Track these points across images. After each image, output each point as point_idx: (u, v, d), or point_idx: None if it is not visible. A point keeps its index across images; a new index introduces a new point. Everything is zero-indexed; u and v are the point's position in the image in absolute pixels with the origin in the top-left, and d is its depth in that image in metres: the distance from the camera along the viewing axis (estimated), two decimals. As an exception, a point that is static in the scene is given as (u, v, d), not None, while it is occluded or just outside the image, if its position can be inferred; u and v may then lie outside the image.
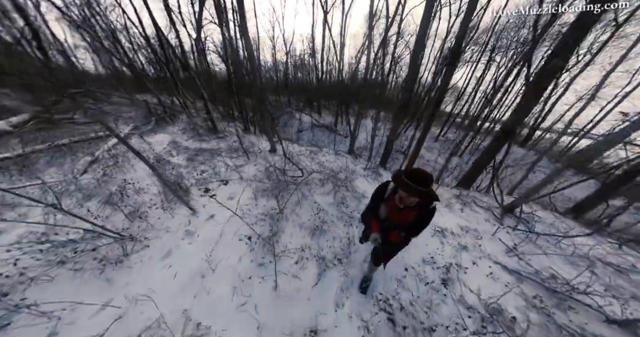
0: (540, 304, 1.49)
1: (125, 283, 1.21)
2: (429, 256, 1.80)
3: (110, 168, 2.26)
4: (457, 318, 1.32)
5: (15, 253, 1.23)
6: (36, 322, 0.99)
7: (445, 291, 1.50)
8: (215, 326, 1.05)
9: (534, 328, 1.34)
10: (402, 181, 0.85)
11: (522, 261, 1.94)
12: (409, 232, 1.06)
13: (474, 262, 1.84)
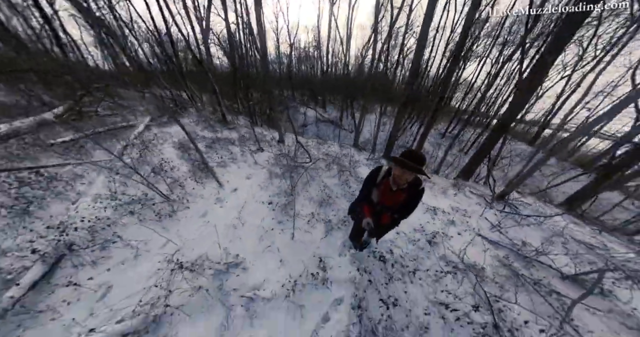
0: (509, 263, 1.86)
1: (177, 230, 1.63)
2: (420, 226, 2.18)
3: (143, 151, 2.70)
4: (436, 267, 1.70)
5: (99, 205, 1.67)
6: (125, 249, 1.42)
7: (430, 249, 1.88)
8: (248, 259, 1.46)
9: (500, 278, 1.71)
10: (401, 160, 0.93)
11: (502, 235, 2.30)
12: (400, 213, 1.15)
13: (459, 233, 2.21)
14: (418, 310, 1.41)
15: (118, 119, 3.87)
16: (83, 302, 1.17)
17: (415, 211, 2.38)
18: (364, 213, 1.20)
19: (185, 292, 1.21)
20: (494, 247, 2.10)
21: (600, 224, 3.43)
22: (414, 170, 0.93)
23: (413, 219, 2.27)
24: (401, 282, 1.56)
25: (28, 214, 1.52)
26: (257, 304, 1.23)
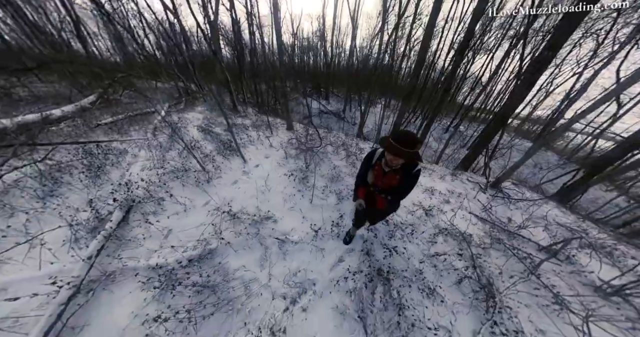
0: (493, 233, 2.24)
1: (215, 193, 2.02)
2: (419, 201, 2.56)
3: (173, 132, 3.07)
4: (430, 231, 2.09)
5: (148, 173, 2.05)
6: (176, 204, 1.81)
7: (426, 218, 2.26)
8: (277, 214, 1.85)
9: (483, 243, 2.09)
10: (389, 143, 0.91)
11: (492, 215, 2.68)
12: (394, 195, 1.16)
13: (452, 210, 2.59)
14: (414, 260, 1.80)
15: (139, 106, 4.23)
16: (154, 238, 1.57)
17: (414, 190, 2.74)
18: (357, 194, 1.27)
19: (230, 234, 1.61)
20: (482, 223, 2.48)
21: (586, 214, 3.81)
22: (404, 155, 0.90)
23: (412, 196, 2.65)
24: (401, 240, 1.95)
25: (99, 177, 1.91)
26: (288, 245, 1.62)
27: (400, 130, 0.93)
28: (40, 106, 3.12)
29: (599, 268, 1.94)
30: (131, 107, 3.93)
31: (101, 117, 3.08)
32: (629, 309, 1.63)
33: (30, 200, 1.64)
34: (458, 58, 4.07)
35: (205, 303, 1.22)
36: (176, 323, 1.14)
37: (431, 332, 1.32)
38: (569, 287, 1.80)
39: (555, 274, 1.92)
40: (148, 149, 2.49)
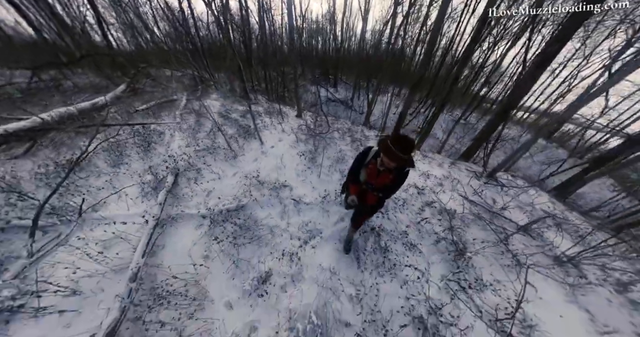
0: (477, 213, 2.67)
1: (240, 166, 2.55)
2: (413, 182, 2.99)
3: (195, 117, 3.58)
4: (419, 205, 2.55)
5: (185, 149, 2.59)
6: (211, 173, 2.36)
7: (417, 196, 2.71)
8: (292, 184, 2.37)
9: (466, 219, 2.53)
10: (388, 147, 0.97)
11: (481, 198, 3.07)
12: (385, 193, 1.25)
13: (444, 191, 3.01)
14: (402, 225, 2.28)
15: (162, 94, 4.75)
16: (199, 196, 2.13)
17: (410, 174, 3.16)
18: (349, 191, 1.36)
19: (257, 194, 2.14)
20: (470, 204, 2.90)
21: (577, 207, 4.10)
22: (400, 161, 0.98)
23: (409, 176, 3.07)
24: (393, 210, 2.42)
25: (149, 151, 2.47)
26: (301, 205, 2.14)
27: (399, 135, 0.99)
28: (84, 96, 3.70)
29: (561, 243, 2.36)
30: (154, 96, 4.46)
31: (134, 104, 3.63)
32: (577, 274, 2.07)
33: (107, 167, 2.23)
34: (471, 45, 4.17)
35: (243, 237, 1.78)
36: (225, 245, 1.71)
37: (408, 269, 1.83)
38: (535, 257, 2.24)
39: (525, 247, 2.36)
40: (180, 130, 3.03)
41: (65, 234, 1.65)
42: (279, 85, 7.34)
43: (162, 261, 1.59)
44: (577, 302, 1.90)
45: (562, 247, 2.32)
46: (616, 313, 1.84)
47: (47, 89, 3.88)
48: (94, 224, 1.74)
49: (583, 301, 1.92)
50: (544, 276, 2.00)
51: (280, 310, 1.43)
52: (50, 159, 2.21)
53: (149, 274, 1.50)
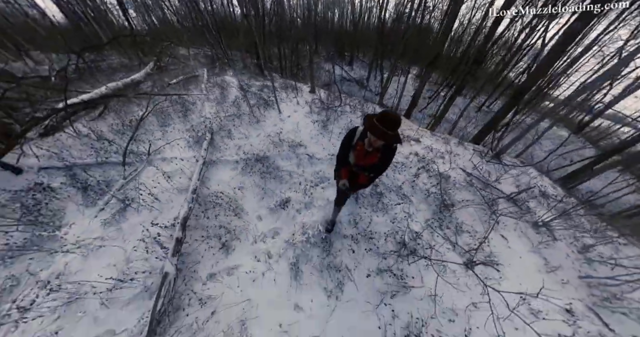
0: (470, 181, 3.08)
1: (262, 129, 3.14)
2: (415, 151, 3.42)
3: (219, 90, 4.17)
4: (415, 169, 3.01)
5: (215, 116, 3.22)
6: (239, 134, 2.98)
7: (417, 163, 3.16)
8: (306, 144, 2.93)
9: (459, 184, 2.97)
10: (374, 125, 1.00)
11: (479, 173, 3.44)
12: (375, 172, 1.31)
13: (443, 163, 3.41)
14: (398, 182, 2.79)
15: (184, 70, 5.38)
16: (231, 149, 2.77)
17: (414, 146, 3.56)
18: (340, 175, 1.42)
19: (278, 149, 2.74)
20: (466, 174, 3.30)
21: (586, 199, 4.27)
22: (387, 139, 1.01)
23: (410, 149, 3.50)
24: (392, 171, 2.92)
25: (187, 116, 3.14)
26: (314, 159, 2.72)
27: (384, 112, 1.02)
28: (120, 74, 4.40)
29: (541, 211, 2.75)
30: (177, 72, 5.09)
31: (164, 79, 4.29)
32: (548, 236, 2.49)
33: (158, 126, 2.93)
34: (495, 23, 4.20)
35: (268, 175, 2.42)
36: (255, 179, 2.36)
37: (397, 208, 2.38)
38: (514, 222, 2.66)
39: (508, 213, 2.77)
40: (208, 100, 3.65)
41: (141, 166, 2.38)
42: (292, 63, 7.67)
43: (210, 186, 2.27)
44: (539, 252, 2.37)
45: (541, 215, 2.72)
46: (568, 263, 2.29)
47: (89, 69, 4.63)
48: (159, 162, 2.46)
49: (544, 252, 2.38)
50: (518, 235, 2.46)
51: (296, 223, 2.07)
52: (118, 119, 2.95)
53: (202, 193, 2.20)
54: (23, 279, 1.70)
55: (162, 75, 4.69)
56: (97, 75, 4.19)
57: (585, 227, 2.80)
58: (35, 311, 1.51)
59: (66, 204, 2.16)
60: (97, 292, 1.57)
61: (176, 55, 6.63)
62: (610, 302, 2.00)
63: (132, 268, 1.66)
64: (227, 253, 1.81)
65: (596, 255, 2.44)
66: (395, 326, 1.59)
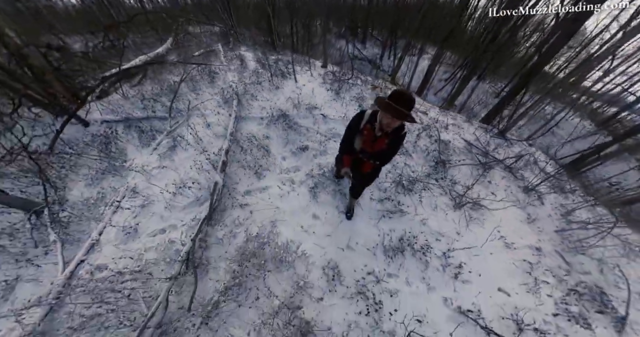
0: (470, 148, 3.54)
1: (282, 94, 3.70)
2: (420, 121, 3.89)
3: (239, 62, 4.72)
4: (419, 132, 3.50)
5: (238, 81, 3.80)
6: (262, 97, 3.56)
7: (421, 129, 3.65)
8: (321, 107, 3.48)
9: (458, 150, 3.44)
10: (388, 104, 1.00)
11: (480, 144, 3.88)
12: (381, 160, 1.30)
13: (447, 133, 3.87)
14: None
15: (196, 47, 5.93)
16: (256, 109, 3.36)
17: (421, 117, 4.03)
18: (343, 163, 1.40)
19: (295, 110, 3.30)
20: (466, 143, 3.75)
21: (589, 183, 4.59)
22: (403, 117, 1.00)
23: (415, 118, 3.96)
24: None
25: (214, 82, 3.73)
26: (327, 119, 3.28)
27: (397, 90, 1.03)
28: (145, 50, 4.99)
29: (531, 177, 3.20)
30: (193, 48, 5.65)
31: (184, 53, 4.87)
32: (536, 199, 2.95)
33: (189, 91, 3.55)
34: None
35: (289, 128, 3.00)
36: (279, 130, 2.95)
37: (399, 159, 2.92)
38: (506, 185, 3.13)
39: (501, 178, 3.24)
40: (230, 70, 4.21)
41: (184, 118, 3.02)
42: (304, 40, 8.04)
43: (241, 134, 2.89)
44: (524, 209, 2.87)
45: (531, 180, 3.19)
46: (549, 220, 2.78)
47: (113, 46, 5.26)
48: (197, 116, 3.09)
49: (529, 209, 2.88)
50: (507, 194, 2.93)
51: (313, 163, 2.66)
52: (156, 85, 3.59)
53: (237, 137, 2.82)
54: (107, 192, 2.41)
55: (181, 51, 5.27)
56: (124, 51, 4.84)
57: (574, 199, 3.24)
58: (119, 212, 2.21)
59: (127, 146, 2.85)
60: (161, 200, 2.25)
61: (190, 32, 7.17)
62: (576, 250, 2.49)
63: (186, 184, 2.32)
64: (259, 178, 2.44)
65: (576, 217, 2.90)
66: (392, 235, 2.19)
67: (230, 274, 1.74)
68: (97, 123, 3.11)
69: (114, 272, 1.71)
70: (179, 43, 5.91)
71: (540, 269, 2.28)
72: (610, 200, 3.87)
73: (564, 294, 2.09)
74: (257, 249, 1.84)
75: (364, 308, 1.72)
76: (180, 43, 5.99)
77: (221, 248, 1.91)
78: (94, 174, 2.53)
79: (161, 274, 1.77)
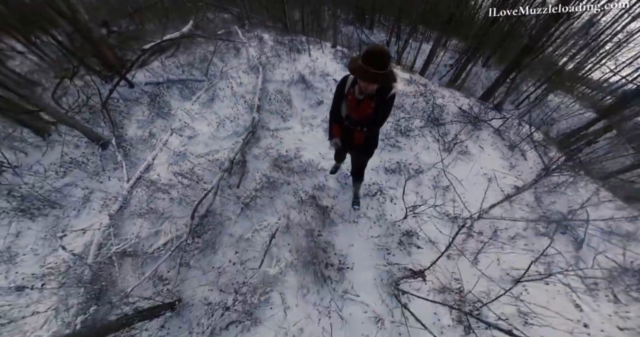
0: (463, 114, 4.29)
1: (298, 63, 4.53)
2: (420, 91, 4.67)
3: (258, 41, 5.59)
4: (412, 100, 4.27)
5: (260, 54, 4.64)
6: (283, 66, 4.39)
7: (421, 97, 4.41)
8: (330, 73, 4.29)
9: (452, 114, 4.19)
10: (358, 66, 0.99)
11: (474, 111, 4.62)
12: (369, 126, 1.30)
13: (443, 100, 4.63)
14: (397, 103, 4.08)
15: (220, 27, 6.82)
16: (277, 75, 4.20)
17: (420, 88, 4.82)
18: (332, 133, 1.45)
19: (311, 75, 4.12)
20: (461, 111, 4.50)
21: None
22: (376, 78, 1.00)
23: (415, 88, 4.74)
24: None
25: (240, 55, 4.60)
26: (330, 80, 4.08)
27: (368, 48, 0.98)
28: (170, 31, 5.88)
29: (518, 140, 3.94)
30: (212, 29, 6.54)
31: (213, 31, 5.75)
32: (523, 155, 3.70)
33: (219, 61, 4.38)
34: None
35: (308, 89, 3.81)
36: (298, 90, 3.76)
37: (400, 114, 3.68)
38: (493, 142, 3.87)
39: (489, 136, 3.97)
40: (251, 47, 5.06)
41: (218, 79, 3.85)
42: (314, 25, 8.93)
43: (268, 91, 3.70)
44: (507, 160, 3.60)
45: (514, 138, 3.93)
46: (529, 170, 3.49)
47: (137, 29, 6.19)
48: (229, 78, 3.91)
49: (512, 160, 3.61)
50: (494, 148, 3.66)
51: (327, 113, 3.43)
52: (188, 56, 4.45)
53: (264, 93, 3.63)
54: (157, 131, 3.24)
55: (204, 30, 6.17)
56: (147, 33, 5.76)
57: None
58: (169, 141, 3.01)
59: (170, 100, 3.68)
60: (205, 133, 3.05)
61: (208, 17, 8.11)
62: (550, 192, 3.19)
63: (226, 122, 3.12)
64: (284, 121, 3.26)
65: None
66: (391, 161, 2.94)
67: (265, 178, 2.51)
68: (142, 84, 3.96)
69: (168, 181, 2.50)
70: (198, 26, 6.82)
71: (517, 199, 2.99)
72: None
73: (536, 217, 2.80)
74: (286, 163, 2.61)
75: (371, 203, 2.46)
76: (200, 26, 6.91)
77: (258, 162, 2.70)
78: (144, 119, 3.37)
79: (208, 180, 2.56)
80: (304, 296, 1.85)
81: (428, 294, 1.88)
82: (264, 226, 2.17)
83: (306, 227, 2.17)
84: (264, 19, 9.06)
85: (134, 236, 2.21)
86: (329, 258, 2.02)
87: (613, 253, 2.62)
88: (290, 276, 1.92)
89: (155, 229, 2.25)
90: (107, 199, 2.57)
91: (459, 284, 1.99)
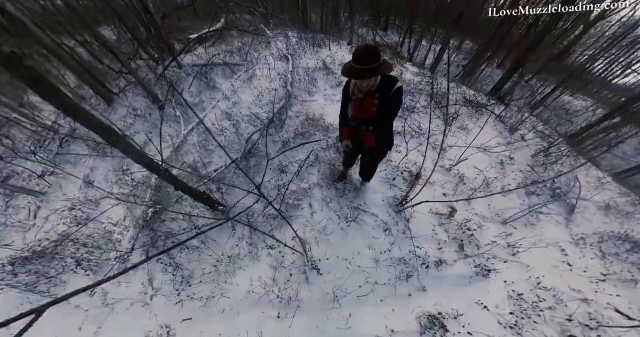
0: (462, 101, 5.29)
1: (320, 55, 5.72)
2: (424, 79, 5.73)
3: (284, 37, 6.92)
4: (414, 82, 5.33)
5: (288, 46, 5.90)
6: (302, 51, 5.60)
7: (420, 85, 5.46)
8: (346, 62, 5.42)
9: (457, 101, 5.21)
10: (348, 67, 1.12)
11: (477, 100, 5.61)
12: (376, 124, 1.40)
13: (444, 87, 5.64)
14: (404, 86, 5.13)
15: (247, 25, 8.28)
16: (304, 63, 5.41)
17: (426, 78, 5.92)
18: (342, 136, 1.60)
19: (332, 64, 5.28)
20: (464, 100, 5.49)
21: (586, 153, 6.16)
22: (368, 75, 1.10)
23: (419, 79, 5.80)
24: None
25: (270, 47, 5.90)
26: (335, 67, 5.20)
27: (357, 48, 1.11)
28: (205, 26, 7.33)
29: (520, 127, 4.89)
30: (242, 25, 7.97)
31: (244, 26, 7.15)
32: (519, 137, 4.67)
33: (253, 51, 5.65)
34: None
35: (330, 73, 4.95)
36: (322, 74, 4.90)
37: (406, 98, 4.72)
38: (494, 125, 4.83)
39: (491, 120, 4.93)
40: (279, 41, 6.36)
41: (255, 63, 5.06)
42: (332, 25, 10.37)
43: (297, 75, 4.84)
44: (505, 139, 4.51)
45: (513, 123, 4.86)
46: (526, 149, 4.39)
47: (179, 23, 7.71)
48: (263, 64, 5.11)
49: (510, 140, 4.51)
50: (493, 128, 4.61)
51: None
52: (227, 46, 5.73)
53: (294, 75, 4.79)
54: (206, 100, 4.38)
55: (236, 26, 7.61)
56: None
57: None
58: (217, 107, 4.14)
59: (215, 77, 4.87)
60: (248, 100, 4.17)
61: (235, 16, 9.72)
62: (545, 165, 4.05)
63: (264, 93, 4.22)
64: (310, 96, 4.38)
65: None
66: (398, 126, 3.92)
67: (298, 130, 3.54)
68: (189, 65, 5.20)
69: (217, 130, 3.61)
70: (229, 23, 8.31)
71: (512, 168, 3.84)
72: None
73: (530, 183, 3.62)
74: (314, 121, 3.65)
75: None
76: (230, 24, 8.40)
77: (291, 120, 3.77)
78: (194, 91, 4.53)
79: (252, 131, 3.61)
80: (327, 204, 2.76)
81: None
82: (296, 160, 3.16)
83: (329, 162, 3.15)
84: (286, 19, 10.63)
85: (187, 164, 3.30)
86: (346, 184, 2.95)
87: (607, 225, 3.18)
88: (317, 191, 2.86)
89: (207, 161, 3.32)
90: (164, 142, 3.68)
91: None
